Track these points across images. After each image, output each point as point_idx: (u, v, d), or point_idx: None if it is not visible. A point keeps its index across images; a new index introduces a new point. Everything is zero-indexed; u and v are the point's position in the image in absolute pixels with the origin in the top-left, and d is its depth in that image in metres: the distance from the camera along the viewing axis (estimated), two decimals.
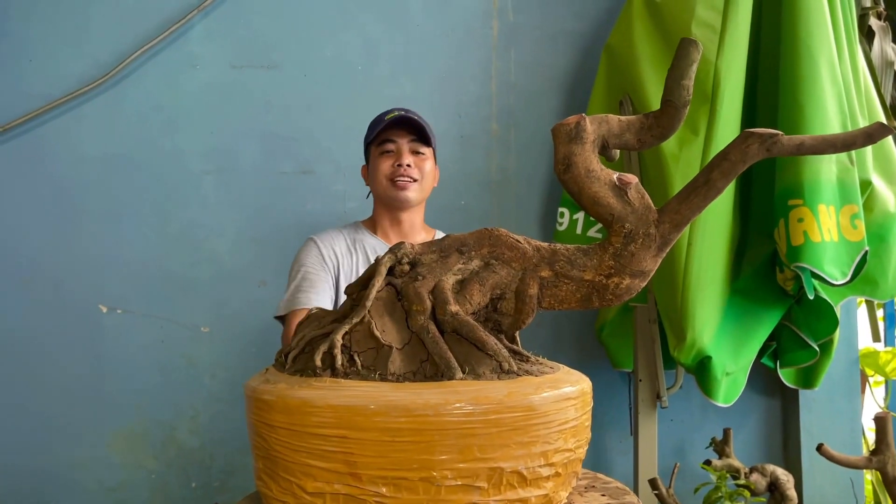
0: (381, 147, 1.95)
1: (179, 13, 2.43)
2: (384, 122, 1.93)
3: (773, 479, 2.25)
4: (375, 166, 1.96)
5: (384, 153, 1.94)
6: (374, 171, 1.97)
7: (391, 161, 1.93)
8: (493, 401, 0.95)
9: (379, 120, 1.97)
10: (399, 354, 1.02)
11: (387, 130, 1.94)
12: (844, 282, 1.97)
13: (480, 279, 1.08)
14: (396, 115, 1.93)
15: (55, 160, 2.38)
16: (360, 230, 2.03)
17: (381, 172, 1.95)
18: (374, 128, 1.97)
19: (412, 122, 1.94)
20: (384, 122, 1.93)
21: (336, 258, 1.95)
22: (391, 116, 1.94)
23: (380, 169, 1.95)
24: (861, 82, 2.20)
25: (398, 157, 1.93)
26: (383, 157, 1.95)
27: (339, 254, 1.95)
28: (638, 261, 1.06)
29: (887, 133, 0.98)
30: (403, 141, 1.94)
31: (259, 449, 1.01)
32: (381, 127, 1.93)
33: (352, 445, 0.92)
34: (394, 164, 1.93)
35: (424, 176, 1.96)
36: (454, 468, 0.93)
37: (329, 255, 1.94)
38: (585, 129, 1.07)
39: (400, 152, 1.93)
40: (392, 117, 1.92)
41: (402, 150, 1.93)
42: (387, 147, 1.94)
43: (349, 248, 1.98)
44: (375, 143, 1.96)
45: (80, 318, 2.37)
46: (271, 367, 1.08)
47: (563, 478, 1.03)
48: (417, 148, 1.95)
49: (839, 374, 2.54)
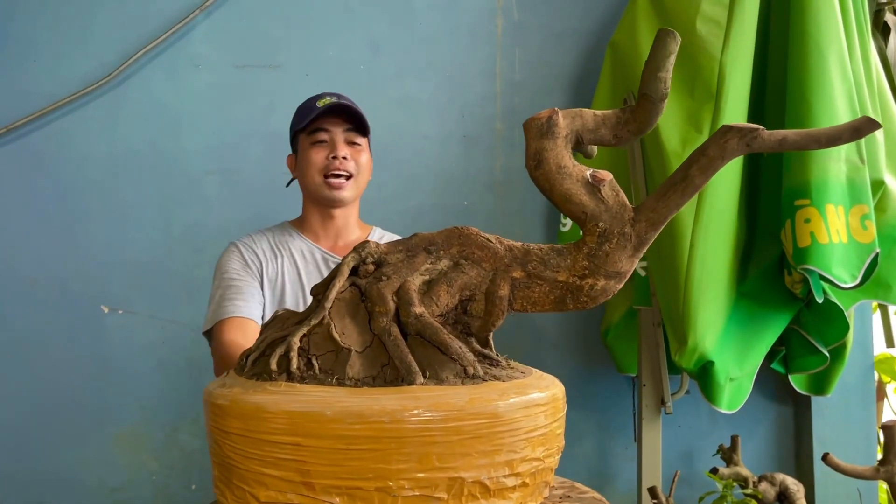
0: (313, 136, 1.75)
1: (182, 13, 2.43)
2: (316, 108, 1.73)
3: (782, 488, 2.18)
4: (306, 158, 1.76)
5: (316, 143, 1.75)
6: (304, 163, 1.77)
7: (324, 153, 1.74)
8: (454, 407, 0.91)
9: (310, 106, 1.77)
10: (359, 358, 0.98)
11: (320, 119, 1.74)
12: (854, 285, 1.91)
13: (448, 280, 1.04)
14: (330, 103, 1.74)
15: (59, 160, 2.39)
16: (286, 231, 1.86)
17: (312, 165, 1.75)
18: (305, 114, 1.76)
19: (348, 109, 1.75)
20: (317, 109, 1.73)
21: (259, 261, 1.78)
22: (325, 103, 1.74)
23: (311, 161, 1.75)
24: (874, 79, 2.13)
25: (332, 148, 1.74)
26: (315, 147, 1.75)
27: (262, 256, 1.79)
28: (613, 261, 1.02)
29: (875, 127, 0.93)
30: (338, 130, 1.75)
31: (215, 455, 0.98)
32: (314, 115, 1.73)
33: (305, 453, 0.89)
34: (328, 156, 1.74)
35: (360, 170, 1.77)
36: (412, 478, 0.89)
37: (251, 259, 1.78)
38: (557, 124, 1.03)
39: (334, 143, 1.74)
40: (326, 104, 1.73)
41: (336, 140, 1.74)
42: (319, 137, 1.75)
43: (273, 250, 1.81)
44: (306, 131, 1.76)
45: (82, 319, 2.38)
46: (232, 371, 1.05)
47: (531, 488, 0.99)
48: (353, 138, 1.77)
49: (854, 381, 2.46)
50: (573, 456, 2.56)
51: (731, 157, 0.99)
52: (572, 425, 2.53)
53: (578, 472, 2.56)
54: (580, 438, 2.56)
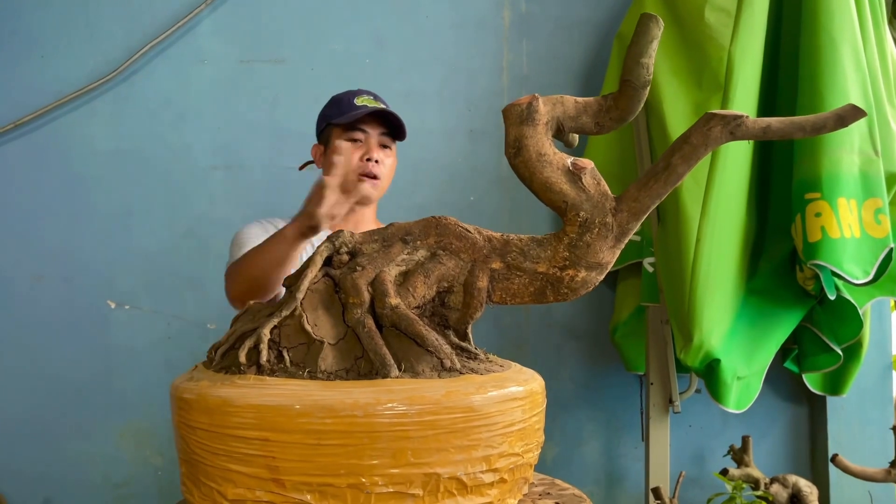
0: (350, 134, 1.77)
1: (187, 8, 2.42)
2: (356, 107, 1.77)
3: (794, 490, 2.13)
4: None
5: (351, 141, 1.76)
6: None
7: (358, 153, 1.75)
8: (429, 401, 0.89)
9: (348, 101, 1.79)
10: (332, 350, 0.96)
11: (360, 119, 1.76)
12: (866, 281, 1.85)
13: (425, 271, 1.02)
14: (373, 107, 1.77)
15: (65, 155, 2.40)
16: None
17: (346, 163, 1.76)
18: (343, 109, 1.79)
19: (388, 116, 1.78)
20: (357, 108, 1.76)
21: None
22: (363, 102, 1.78)
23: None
24: (890, 69, 2.06)
25: (367, 150, 1.76)
26: (349, 145, 1.74)
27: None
28: (594, 252, 0.99)
29: (860, 115, 0.90)
30: (374, 133, 1.78)
31: (181, 451, 0.96)
32: (356, 114, 1.75)
33: (274, 449, 0.86)
34: (362, 157, 1.75)
35: (387, 174, 1.81)
36: (385, 474, 0.87)
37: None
38: (538, 111, 1.00)
39: (369, 146, 1.77)
40: (371, 108, 1.76)
41: (371, 143, 1.77)
42: (355, 136, 1.77)
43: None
44: (343, 127, 1.78)
45: (88, 314, 2.38)
46: (200, 364, 1.03)
47: (509, 484, 0.96)
48: (386, 142, 1.80)
49: (870, 381, 2.40)
50: (580, 455, 2.52)
51: (714, 146, 0.96)
52: (579, 424, 2.53)
53: (586, 472, 2.53)
54: (589, 438, 2.52)
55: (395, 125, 1.80)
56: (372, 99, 1.80)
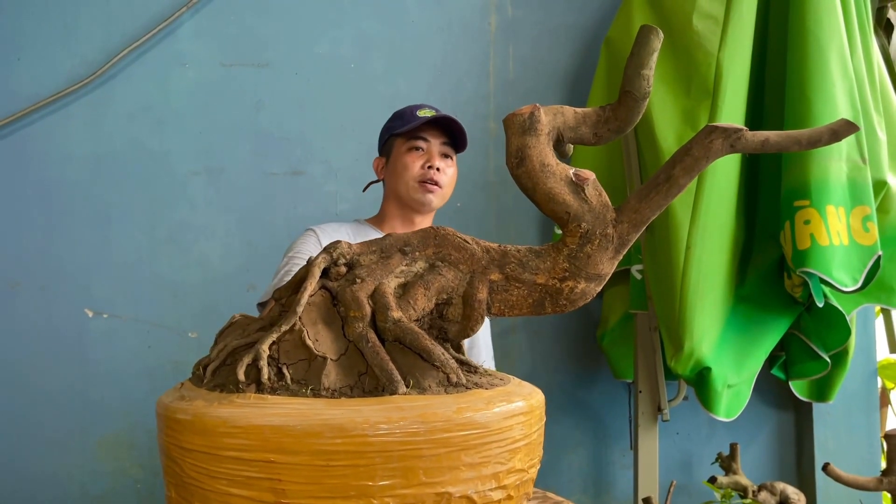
0: (411, 143, 1.83)
1: (168, 10, 2.38)
2: (417, 117, 1.82)
3: (782, 497, 2.12)
4: (402, 162, 1.84)
5: (413, 150, 1.83)
6: (399, 166, 1.84)
7: (421, 161, 1.82)
8: (442, 418, 0.85)
9: (411, 113, 1.86)
10: (334, 367, 0.92)
11: (421, 127, 1.83)
12: (855, 288, 1.85)
13: (425, 283, 0.99)
14: (434, 115, 1.82)
15: (42, 160, 2.34)
16: (364, 227, 1.91)
17: (409, 170, 1.82)
18: (406, 120, 1.85)
19: (451, 123, 1.84)
20: (419, 119, 1.81)
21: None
22: (425, 114, 1.83)
23: (409, 167, 1.82)
24: (876, 76, 2.07)
25: (429, 158, 1.82)
26: (412, 154, 1.83)
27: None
28: (594, 263, 0.97)
29: (853, 130, 0.90)
30: (436, 142, 1.83)
31: (171, 475, 0.91)
32: (417, 122, 1.81)
33: (279, 471, 0.82)
34: (424, 164, 1.81)
35: (449, 182, 1.86)
36: (397, 494, 0.83)
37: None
38: (540, 121, 0.98)
39: (431, 154, 1.82)
40: (433, 116, 1.82)
41: (433, 151, 1.82)
42: (417, 144, 1.83)
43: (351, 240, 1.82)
44: (404, 136, 1.84)
45: (65, 323, 2.32)
46: (187, 382, 0.99)
47: (514, 501, 0.94)
48: (447, 152, 1.85)
49: (856, 387, 2.41)
50: (568, 464, 2.50)
51: (714, 158, 0.95)
52: (567, 432, 2.51)
53: (574, 481, 2.51)
54: (576, 446, 2.50)
55: (457, 135, 1.86)
56: (434, 111, 1.85)
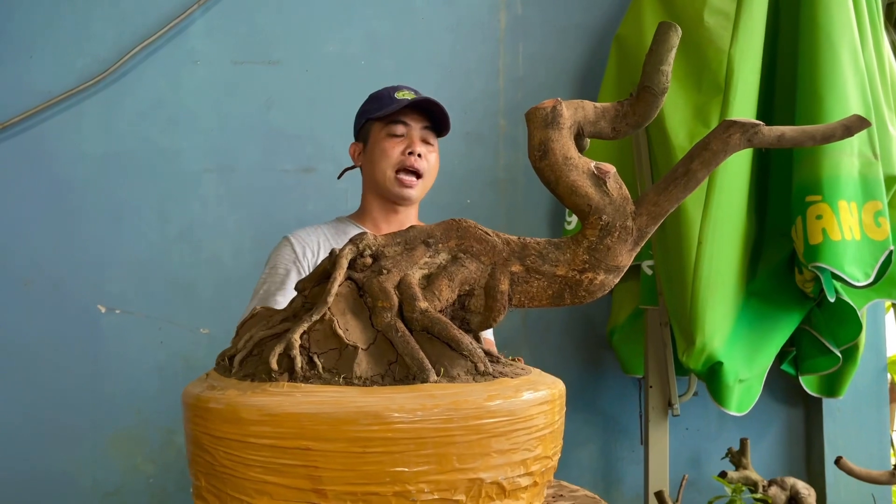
0: (390, 128, 1.71)
1: (180, 9, 2.39)
2: (396, 100, 1.69)
3: (793, 492, 2.13)
4: (380, 149, 1.72)
5: (392, 136, 1.71)
6: (377, 154, 1.73)
7: (400, 147, 1.70)
8: (473, 405, 0.87)
9: (388, 95, 1.73)
10: (365, 355, 0.93)
11: (401, 111, 1.70)
12: (867, 283, 1.86)
13: (449, 274, 1.00)
14: (415, 97, 1.70)
15: (55, 158, 2.35)
16: (344, 224, 1.82)
17: (387, 158, 1.70)
18: (383, 103, 1.72)
19: (430, 106, 1.72)
20: (398, 101, 1.69)
21: (317, 256, 1.72)
22: (404, 96, 1.71)
23: (386, 153, 1.70)
24: (887, 72, 2.08)
25: (409, 143, 1.70)
26: (391, 140, 1.71)
27: (319, 251, 1.73)
28: (614, 255, 0.98)
29: (865, 125, 0.91)
30: (417, 126, 1.72)
31: (201, 465, 0.92)
32: (396, 106, 1.69)
33: (316, 458, 0.83)
34: (404, 150, 1.70)
35: (430, 170, 1.75)
36: (431, 480, 0.85)
37: (304, 255, 1.72)
38: (562, 114, 0.99)
39: (412, 139, 1.71)
40: (407, 97, 1.70)
41: (413, 137, 1.71)
42: (397, 130, 1.71)
43: (330, 243, 1.75)
44: (383, 121, 1.72)
45: (78, 319, 2.33)
46: (213, 372, 1.00)
47: (538, 488, 0.95)
48: (428, 137, 1.74)
49: (866, 383, 2.41)
50: (578, 459, 2.51)
51: (732, 152, 0.97)
52: (577, 428, 2.51)
53: (584, 476, 2.51)
54: (586, 441, 2.51)
55: (439, 119, 1.75)
56: (413, 93, 1.74)
